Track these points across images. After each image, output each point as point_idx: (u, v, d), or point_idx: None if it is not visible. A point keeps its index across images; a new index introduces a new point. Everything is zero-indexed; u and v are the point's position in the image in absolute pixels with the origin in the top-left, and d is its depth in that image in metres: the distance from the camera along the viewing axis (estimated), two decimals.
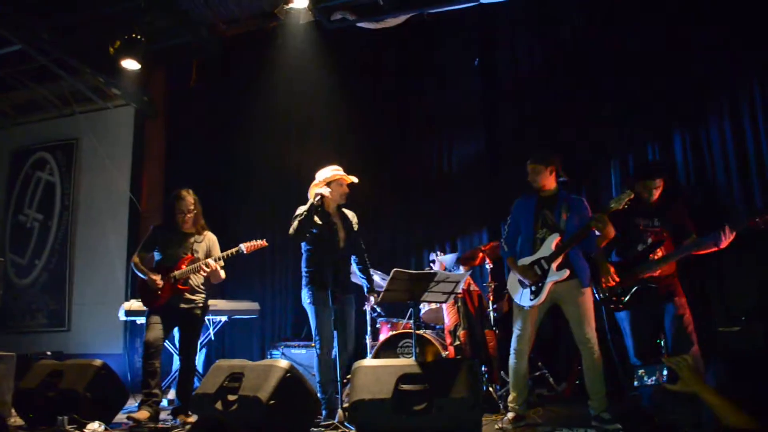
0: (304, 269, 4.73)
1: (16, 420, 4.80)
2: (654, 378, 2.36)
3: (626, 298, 4.27)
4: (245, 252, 4.84)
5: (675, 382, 2.28)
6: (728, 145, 5.66)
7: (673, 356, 2.35)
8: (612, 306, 4.35)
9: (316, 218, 4.63)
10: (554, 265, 4.18)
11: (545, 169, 4.36)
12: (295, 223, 4.61)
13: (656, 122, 6.06)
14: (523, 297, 4.30)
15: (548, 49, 6.71)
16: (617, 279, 4.24)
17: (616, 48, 6.29)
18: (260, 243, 4.88)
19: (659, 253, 4.27)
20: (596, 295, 4.38)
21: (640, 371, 2.45)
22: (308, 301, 4.62)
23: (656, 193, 4.36)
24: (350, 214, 4.92)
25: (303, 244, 4.76)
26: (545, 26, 6.76)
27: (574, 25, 6.57)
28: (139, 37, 6.64)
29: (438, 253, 5.81)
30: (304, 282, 4.70)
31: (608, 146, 6.26)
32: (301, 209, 4.70)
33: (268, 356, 6.53)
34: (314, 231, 4.65)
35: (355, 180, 4.84)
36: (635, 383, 2.46)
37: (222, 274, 4.89)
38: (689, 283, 4.45)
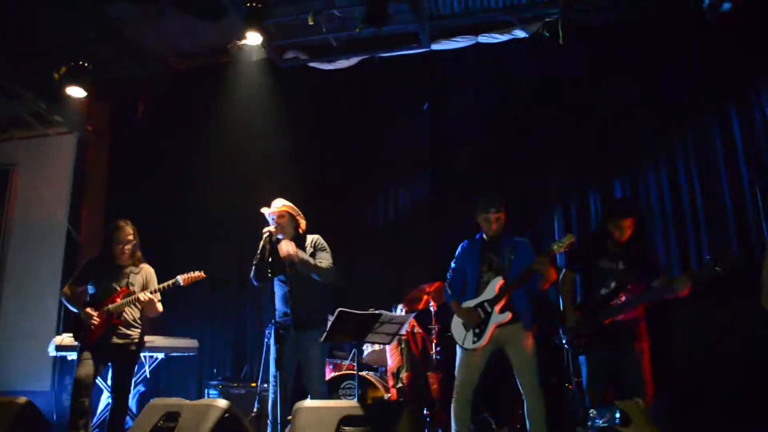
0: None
1: None
2: (606, 419, 2.39)
3: (588, 342, 4.29)
4: (182, 284, 4.73)
5: (627, 425, 2.31)
6: (665, 195, 5.91)
7: (626, 399, 2.40)
8: (573, 350, 4.38)
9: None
10: (497, 308, 4.23)
11: (503, 215, 4.42)
12: (253, 270, 4.51)
13: (597, 171, 6.31)
14: (466, 340, 4.32)
15: (497, 97, 6.89)
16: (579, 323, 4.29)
17: (564, 98, 6.53)
18: (197, 274, 4.79)
19: (622, 298, 4.26)
20: (560, 338, 4.41)
21: (592, 412, 2.48)
22: (269, 339, 4.56)
23: (627, 232, 4.28)
24: (309, 240, 4.69)
25: None
26: (495, 74, 6.96)
27: (523, 76, 6.79)
28: (86, 64, 6.52)
29: (400, 306, 5.79)
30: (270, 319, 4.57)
31: (551, 193, 6.45)
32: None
33: (206, 395, 6.33)
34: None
35: (278, 209, 4.61)
36: (588, 423, 2.48)
37: (159, 307, 4.75)
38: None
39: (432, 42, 6.75)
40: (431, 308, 5.62)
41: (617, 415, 2.38)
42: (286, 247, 4.37)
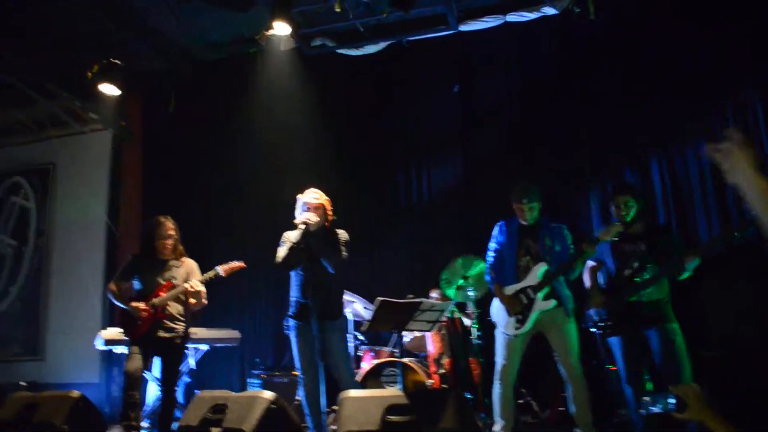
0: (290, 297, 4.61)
1: None
2: (661, 406, 2.34)
3: (615, 323, 4.29)
4: (223, 275, 4.77)
5: (683, 410, 2.27)
6: (706, 172, 5.76)
7: (680, 385, 2.35)
8: (601, 332, 4.37)
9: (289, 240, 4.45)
10: (541, 295, 4.20)
11: (539, 205, 4.40)
12: (284, 251, 4.39)
13: (634, 149, 6.16)
14: (507, 325, 4.31)
15: (528, 76, 6.80)
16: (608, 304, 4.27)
17: (595, 75, 6.40)
18: (237, 264, 4.83)
19: (646, 277, 4.28)
20: (588, 322, 4.41)
21: (647, 398, 2.43)
22: (290, 331, 4.53)
23: (629, 212, 4.32)
24: (337, 234, 4.63)
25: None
26: (524, 53, 6.86)
27: (553, 53, 6.68)
28: (117, 61, 6.60)
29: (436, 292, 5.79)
30: (289, 311, 4.60)
31: (587, 172, 6.34)
32: (288, 236, 4.51)
33: (249, 385, 6.44)
34: None
35: (317, 201, 4.54)
36: (641, 411, 2.44)
37: (202, 299, 4.82)
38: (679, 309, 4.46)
39: (460, 23, 6.68)
40: (469, 293, 5.60)
41: (672, 400, 2.33)
42: (309, 218, 4.34)
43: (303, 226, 4.31)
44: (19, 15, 6.62)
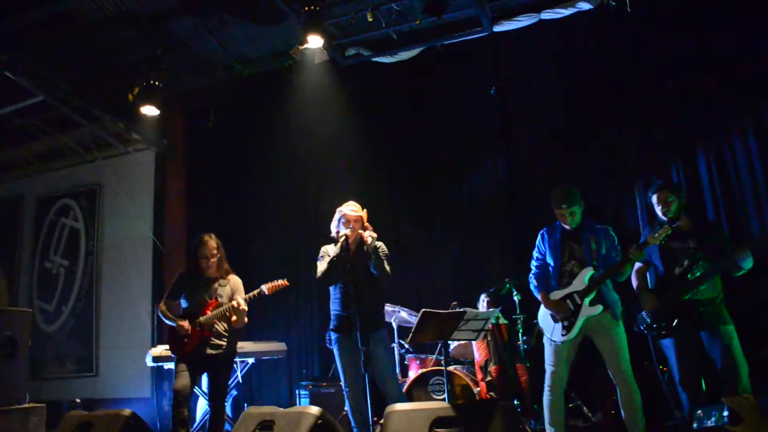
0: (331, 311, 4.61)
1: None
2: (714, 420, 2.25)
3: (669, 325, 4.17)
4: (267, 293, 4.79)
5: (738, 423, 2.16)
6: (755, 164, 5.55)
7: (734, 396, 2.25)
8: (654, 334, 4.25)
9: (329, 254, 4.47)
10: (587, 300, 4.11)
11: (581, 209, 4.32)
12: (324, 266, 4.40)
13: (680, 144, 5.97)
14: (554, 332, 4.23)
15: (566, 74, 6.67)
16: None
17: (634, 69, 6.24)
18: (281, 283, 4.83)
19: (698, 274, 4.17)
20: (639, 325, 4.30)
21: (699, 412, 2.34)
22: (333, 345, 4.51)
23: (671, 208, 4.27)
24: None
25: None
26: (561, 50, 6.74)
27: (590, 49, 6.55)
28: (156, 83, 6.74)
29: (484, 297, 5.74)
30: (330, 324, 4.60)
31: (632, 170, 6.18)
32: (327, 250, 4.52)
33: (297, 396, 6.47)
34: None
35: (356, 213, 4.51)
36: (694, 425, 2.34)
37: (244, 318, 4.84)
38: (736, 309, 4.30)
39: (494, 24, 6.59)
40: (514, 298, 5.52)
41: (725, 413, 2.23)
42: (369, 235, 4.37)
43: (343, 238, 4.33)
44: (65, 46, 6.84)
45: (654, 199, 4.38)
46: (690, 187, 5.72)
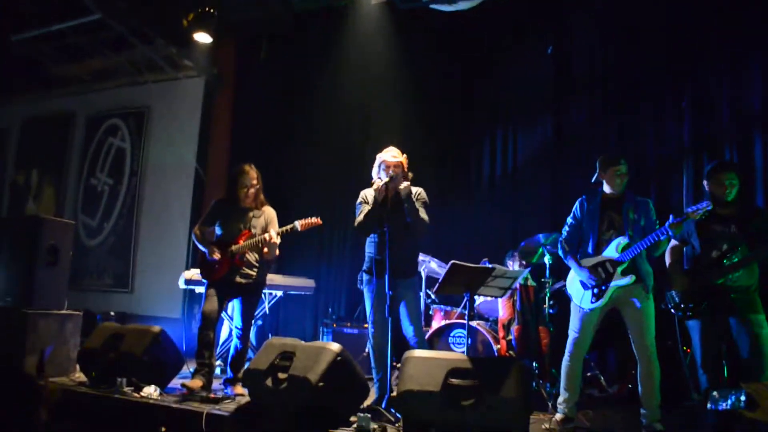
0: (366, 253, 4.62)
1: (79, 376, 5.04)
2: (730, 402, 2.22)
3: (698, 307, 4.10)
4: (300, 229, 4.81)
5: (754, 409, 2.14)
6: None
7: (752, 381, 2.21)
8: (681, 314, 4.19)
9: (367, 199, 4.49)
10: (620, 270, 4.05)
11: (627, 176, 4.24)
12: (362, 217, 4.44)
13: (735, 122, 5.75)
14: (584, 299, 4.19)
15: (624, 39, 6.44)
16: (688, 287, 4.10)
17: (696, 40, 5.99)
18: (314, 220, 4.86)
19: (735, 260, 4.05)
20: (667, 303, 4.23)
21: (715, 393, 2.31)
22: (363, 286, 4.58)
23: (732, 191, 4.12)
24: (414, 192, 4.54)
25: None
26: (621, 15, 6.49)
27: (657, 13, 6.28)
28: (211, 10, 6.71)
29: (515, 255, 5.70)
30: (364, 266, 4.62)
31: (681, 144, 5.99)
32: (366, 194, 4.54)
33: (321, 333, 6.61)
34: None
35: (395, 159, 4.49)
36: (708, 405, 2.32)
37: (275, 251, 4.92)
38: None
39: None
40: (545, 261, 5.49)
41: (742, 397, 2.20)
42: (403, 184, 4.39)
43: (382, 185, 4.32)
44: None
45: (715, 178, 4.19)
46: (741, 169, 5.53)
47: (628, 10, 6.38)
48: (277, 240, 4.81)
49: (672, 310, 4.27)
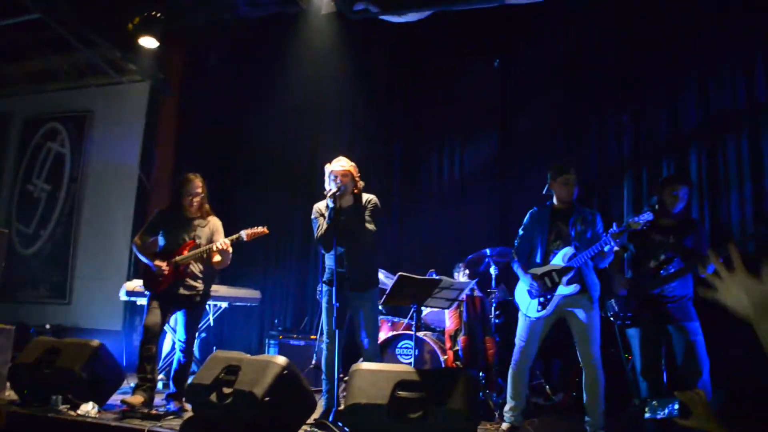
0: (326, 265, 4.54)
1: (10, 394, 4.80)
2: (666, 411, 2.28)
3: (636, 315, 4.22)
4: (245, 239, 4.73)
5: (687, 417, 2.20)
6: (744, 162, 5.57)
7: (686, 390, 2.28)
8: (620, 322, 4.30)
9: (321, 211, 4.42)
10: (565, 279, 4.13)
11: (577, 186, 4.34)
12: (322, 232, 4.33)
13: (672, 137, 5.98)
14: (530, 308, 4.26)
15: (571, 52, 6.62)
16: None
17: (642, 53, 6.22)
18: (261, 230, 4.79)
19: (671, 271, 4.20)
20: (607, 311, 4.34)
21: (653, 402, 2.38)
22: (322, 297, 4.50)
23: (680, 204, 4.26)
24: (364, 199, 4.48)
25: None
26: (569, 27, 6.66)
27: (599, 28, 6.47)
28: (158, 15, 6.58)
29: (461, 266, 5.73)
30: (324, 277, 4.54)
31: (623, 158, 6.19)
32: (319, 208, 4.46)
33: (266, 345, 6.51)
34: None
35: (343, 168, 4.40)
36: (646, 414, 2.38)
37: (228, 259, 4.82)
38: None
39: None
40: (491, 271, 5.55)
41: (676, 406, 2.27)
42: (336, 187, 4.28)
43: (330, 196, 4.25)
44: None
45: (669, 188, 4.29)
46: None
47: (576, 26, 6.58)
48: (230, 248, 4.72)
49: (612, 318, 4.39)
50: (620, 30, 6.31)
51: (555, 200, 4.41)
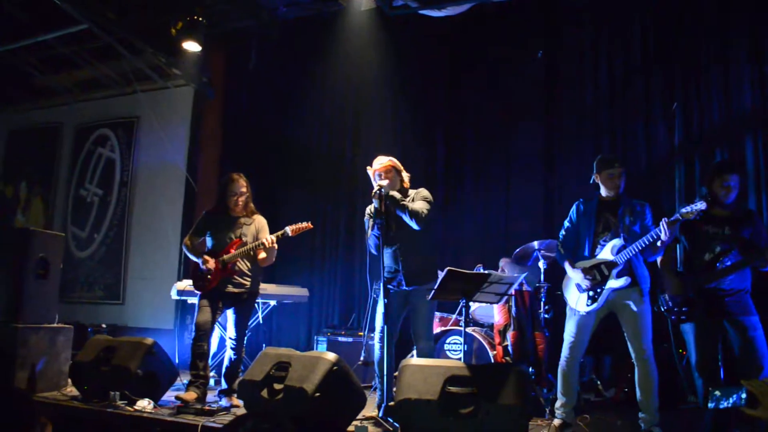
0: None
1: (71, 390, 4.98)
2: (732, 400, 2.20)
3: (691, 310, 4.06)
4: (290, 234, 4.80)
5: (755, 407, 2.12)
6: None
7: (754, 380, 2.20)
8: (674, 318, 4.14)
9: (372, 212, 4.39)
10: (615, 272, 4.03)
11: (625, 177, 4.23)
12: (373, 238, 4.32)
13: (727, 125, 5.77)
14: (579, 302, 4.17)
15: (614, 41, 6.47)
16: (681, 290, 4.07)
17: (692, 39, 6.04)
18: (305, 225, 4.84)
19: (727, 264, 3.99)
20: (660, 306, 4.20)
21: (716, 392, 2.28)
22: (377, 294, 4.45)
23: (732, 193, 4.04)
24: (413, 193, 4.48)
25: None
26: (613, 17, 6.51)
27: (642, 18, 6.31)
28: (200, 19, 6.69)
29: (504, 259, 5.67)
30: None
31: (673, 147, 6.01)
32: (370, 210, 4.45)
33: (315, 342, 6.56)
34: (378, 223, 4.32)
35: (383, 164, 4.41)
36: (709, 404, 2.28)
37: (273, 256, 4.91)
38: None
39: None
40: (540, 265, 5.47)
41: (743, 395, 2.18)
42: (378, 183, 4.25)
43: (376, 191, 4.23)
44: None
45: (719, 178, 4.06)
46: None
47: (621, 12, 6.42)
48: (275, 245, 4.78)
49: (665, 314, 4.24)
50: (669, 15, 6.14)
51: (602, 192, 4.31)
